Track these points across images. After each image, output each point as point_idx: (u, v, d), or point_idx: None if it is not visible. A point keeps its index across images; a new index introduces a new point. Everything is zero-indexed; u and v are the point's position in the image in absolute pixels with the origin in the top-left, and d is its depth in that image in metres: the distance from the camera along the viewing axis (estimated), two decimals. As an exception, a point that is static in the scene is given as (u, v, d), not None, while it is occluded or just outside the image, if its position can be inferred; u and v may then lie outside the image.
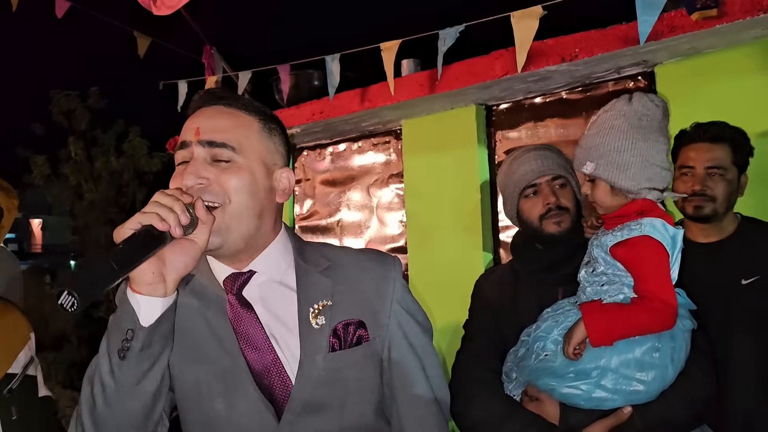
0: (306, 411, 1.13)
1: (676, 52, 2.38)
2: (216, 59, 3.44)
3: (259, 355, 1.14)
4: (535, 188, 1.71)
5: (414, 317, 1.29)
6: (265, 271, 1.20)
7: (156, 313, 1.01)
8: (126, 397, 1.02)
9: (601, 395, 1.43)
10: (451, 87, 2.75)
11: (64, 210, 7.46)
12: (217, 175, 1.11)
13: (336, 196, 3.74)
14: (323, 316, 1.18)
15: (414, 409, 1.26)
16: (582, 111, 2.75)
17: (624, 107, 1.50)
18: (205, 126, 1.13)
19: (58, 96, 7.13)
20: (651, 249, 1.43)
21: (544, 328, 1.54)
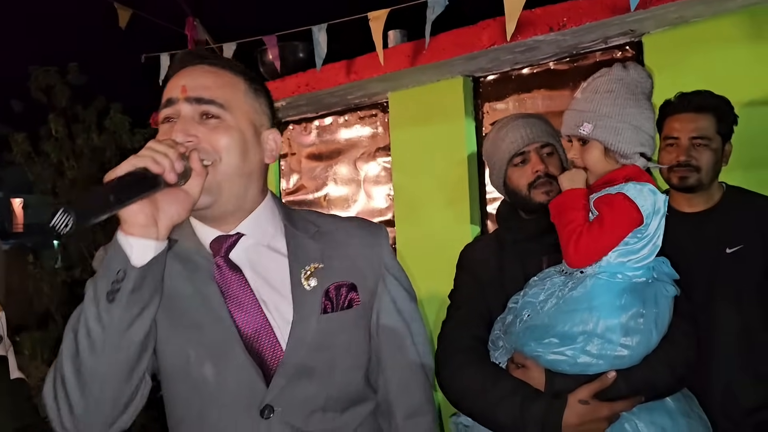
0: (296, 375, 1.13)
1: (663, 21, 2.38)
2: (199, 31, 3.38)
3: (248, 319, 1.13)
4: (523, 156, 1.70)
5: (401, 283, 1.29)
6: (253, 234, 1.19)
7: (148, 254, 0.98)
8: (112, 343, 0.98)
9: (586, 360, 1.45)
10: (437, 58, 2.73)
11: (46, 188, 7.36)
12: (207, 134, 1.09)
13: (322, 171, 3.72)
14: (315, 278, 1.17)
15: (401, 375, 1.27)
16: (569, 82, 2.75)
17: (621, 73, 1.53)
18: (192, 84, 1.12)
19: (37, 72, 6.99)
20: (625, 207, 1.45)
21: (532, 294, 1.56)
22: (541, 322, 1.49)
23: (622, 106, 1.49)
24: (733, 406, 1.87)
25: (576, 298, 1.47)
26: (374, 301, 1.24)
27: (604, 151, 1.51)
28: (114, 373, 1.00)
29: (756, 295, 1.89)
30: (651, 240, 1.49)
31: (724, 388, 1.87)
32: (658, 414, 1.50)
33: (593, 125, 1.50)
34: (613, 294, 1.46)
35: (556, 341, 1.48)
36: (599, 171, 1.53)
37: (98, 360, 0.98)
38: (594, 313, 1.44)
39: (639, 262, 1.49)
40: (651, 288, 1.49)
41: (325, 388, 1.16)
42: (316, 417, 1.14)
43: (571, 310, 1.46)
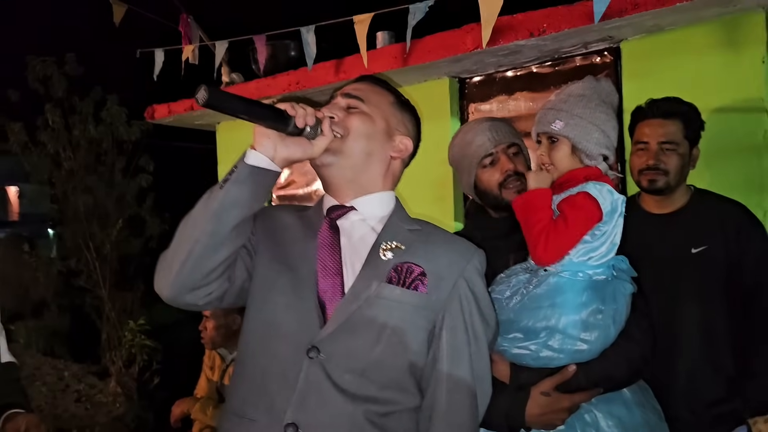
0: (345, 327, 1.25)
1: (640, 29, 2.46)
2: (192, 28, 3.44)
3: (328, 272, 1.30)
4: (492, 157, 1.77)
5: (477, 302, 1.33)
6: (363, 210, 1.36)
7: (259, 162, 1.20)
8: (207, 218, 1.19)
9: (548, 354, 1.54)
10: (423, 60, 2.81)
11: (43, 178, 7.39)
12: (346, 116, 1.33)
13: (313, 166, 3.80)
14: (392, 253, 1.31)
15: (451, 385, 1.29)
16: (551, 85, 2.83)
17: (593, 83, 1.67)
18: (351, 87, 1.42)
19: (34, 62, 7.02)
20: (586, 204, 1.54)
21: (498, 290, 1.64)
22: (506, 318, 1.57)
23: (593, 110, 1.60)
24: (695, 400, 1.95)
25: (539, 295, 1.55)
26: (442, 302, 1.29)
27: (571, 149, 1.61)
28: (200, 240, 1.19)
29: (718, 293, 1.98)
30: (609, 238, 1.58)
31: (687, 382, 1.96)
32: (615, 405, 1.59)
33: (565, 123, 1.60)
34: (574, 291, 1.54)
35: (521, 336, 1.56)
36: (563, 168, 1.63)
37: (193, 227, 1.21)
38: (556, 309, 1.53)
39: (598, 260, 1.57)
40: (610, 285, 1.57)
41: (368, 352, 1.25)
42: (352, 377, 1.24)
43: (534, 306, 1.55)
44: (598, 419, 1.56)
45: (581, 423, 1.56)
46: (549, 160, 1.64)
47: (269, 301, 1.31)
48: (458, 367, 1.29)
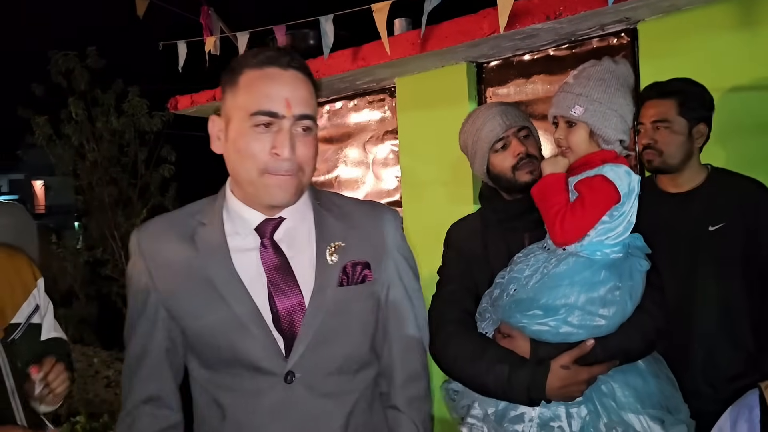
0: (315, 340, 1.27)
1: (657, 9, 2.46)
2: (213, 20, 3.49)
3: (285, 292, 1.27)
4: (503, 141, 1.80)
5: (408, 262, 1.45)
6: (293, 217, 1.34)
7: None
8: None
9: (567, 330, 1.58)
10: (441, 45, 2.84)
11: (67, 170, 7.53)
12: (302, 148, 1.23)
13: (333, 153, 3.85)
14: (337, 255, 1.32)
15: (403, 345, 1.42)
16: (568, 67, 2.84)
17: (612, 66, 1.66)
18: (294, 98, 1.21)
19: (57, 56, 7.13)
20: (604, 187, 1.58)
21: (517, 270, 1.68)
22: (526, 296, 1.61)
23: (612, 95, 1.61)
24: (714, 374, 1.98)
25: (559, 274, 1.59)
26: (384, 277, 1.39)
27: (589, 134, 1.63)
28: None
29: (737, 270, 2.00)
30: (626, 218, 1.61)
31: (706, 357, 1.99)
32: (630, 375, 1.64)
33: (584, 108, 1.61)
34: (592, 270, 1.58)
35: (540, 313, 1.60)
36: (581, 152, 1.65)
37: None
38: (575, 287, 1.56)
39: (615, 239, 1.61)
40: (626, 263, 1.61)
41: (340, 352, 1.31)
42: (332, 379, 1.30)
43: (554, 285, 1.58)
44: (614, 389, 1.61)
45: (598, 393, 1.61)
46: (567, 143, 1.67)
47: (220, 340, 1.26)
48: (406, 328, 1.43)
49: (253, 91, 1.21)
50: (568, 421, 1.60)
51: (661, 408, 1.62)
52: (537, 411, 1.61)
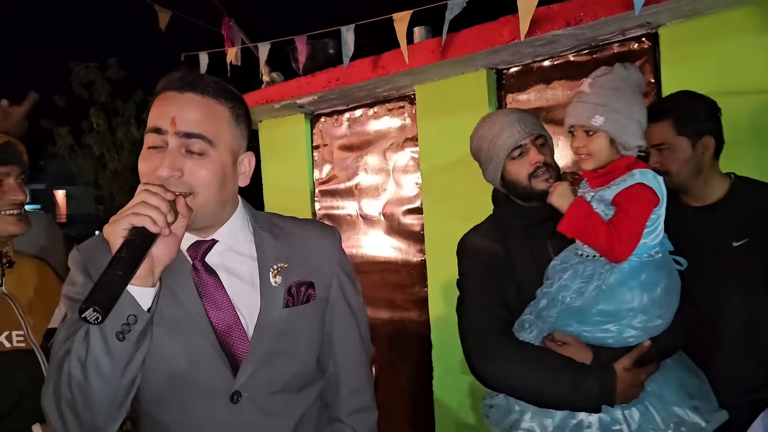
0: (262, 361, 1.28)
1: (678, 14, 2.46)
2: (234, 31, 3.55)
3: (222, 315, 1.27)
4: (521, 149, 1.81)
5: (350, 279, 1.47)
6: (226, 240, 1.32)
7: (149, 300, 1.11)
8: (120, 373, 1.12)
9: (631, 334, 1.62)
10: (461, 53, 2.85)
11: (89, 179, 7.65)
12: (191, 168, 1.18)
13: (353, 161, 3.88)
14: (280, 276, 1.34)
15: (348, 360, 1.46)
16: (588, 73, 2.79)
17: (624, 73, 1.70)
18: (181, 116, 1.18)
19: (78, 68, 7.25)
20: (643, 193, 1.62)
21: (567, 278, 1.70)
22: (583, 304, 1.64)
23: (629, 103, 1.66)
24: (736, 386, 1.94)
25: (618, 280, 1.62)
26: (329, 295, 1.42)
27: (610, 141, 1.67)
28: (120, 394, 1.15)
29: (762, 284, 1.95)
30: (662, 218, 1.67)
31: (729, 369, 1.95)
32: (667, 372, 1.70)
33: (605, 118, 1.64)
34: (646, 273, 1.62)
35: (601, 320, 1.63)
36: (602, 159, 1.69)
37: (107, 387, 1.12)
38: (635, 291, 1.61)
39: (655, 240, 1.66)
40: (667, 260, 1.67)
41: (287, 370, 1.33)
42: (277, 397, 1.31)
43: (615, 291, 1.62)
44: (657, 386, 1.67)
45: (644, 393, 1.65)
46: (587, 151, 1.69)
47: (168, 363, 1.24)
48: (351, 344, 1.47)
49: (151, 113, 1.22)
50: (627, 424, 1.63)
51: (695, 398, 1.68)
52: (596, 417, 1.63)
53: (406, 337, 3.62)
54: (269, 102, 3.77)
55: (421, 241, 3.50)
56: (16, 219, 1.56)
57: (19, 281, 1.63)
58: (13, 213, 1.55)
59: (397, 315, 3.66)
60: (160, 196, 1.09)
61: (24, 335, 1.56)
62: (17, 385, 1.51)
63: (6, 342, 1.52)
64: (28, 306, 1.61)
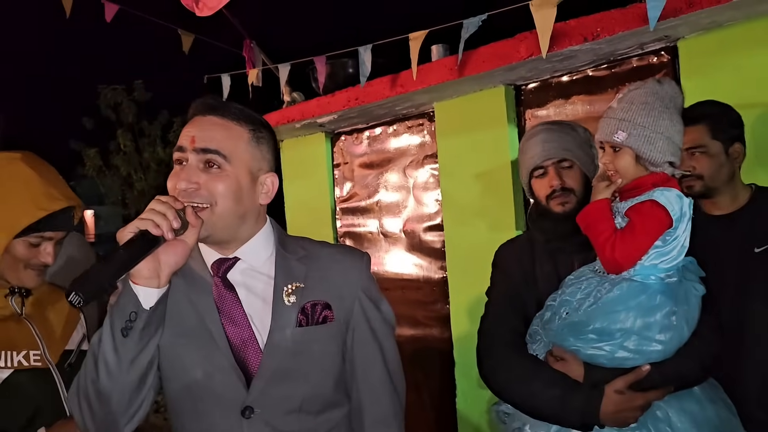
0: (274, 378, 1.30)
1: (697, 27, 2.44)
2: (256, 53, 3.61)
3: (237, 331, 1.31)
4: (543, 170, 1.85)
5: (377, 305, 1.45)
6: (248, 259, 1.37)
7: (153, 300, 1.18)
8: (125, 369, 1.20)
9: (623, 355, 1.58)
10: (479, 70, 2.86)
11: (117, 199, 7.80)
12: (207, 181, 1.27)
13: (374, 178, 3.90)
14: (295, 296, 1.35)
15: (370, 388, 1.42)
16: (607, 87, 2.83)
17: (656, 87, 1.66)
18: (200, 135, 1.28)
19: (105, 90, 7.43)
20: (653, 211, 1.58)
21: (569, 293, 1.69)
22: (579, 320, 1.62)
23: (656, 118, 1.61)
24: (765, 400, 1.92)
25: (613, 298, 1.58)
26: (350, 319, 1.40)
27: (635, 158, 1.63)
28: (126, 391, 1.22)
29: None
30: (679, 242, 1.60)
31: (761, 382, 1.93)
32: (687, 401, 1.62)
33: (627, 134, 1.61)
34: (648, 294, 1.57)
35: (595, 337, 1.60)
36: (629, 176, 1.65)
37: (113, 382, 1.20)
38: (631, 312, 1.56)
39: (669, 263, 1.60)
40: (682, 287, 1.60)
41: (300, 391, 1.33)
42: (292, 417, 1.32)
43: (609, 310, 1.58)
44: (670, 415, 1.60)
45: (653, 419, 1.59)
46: (614, 168, 1.66)
47: (186, 374, 1.30)
48: (373, 371, 1.42)
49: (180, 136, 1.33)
50: None
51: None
52: None
53: (429, 355, 3.61)
54: (290, 122, 3.83)
55: (442, 257, 3.50)
56: (34, 274, 1.63)
57: (39, 306, 1.69)
58: (34, 269, 1.62)
59: (420, 332, 3.66)
60: (168, 204, 1.18)
61: (41, 355, 1.62)
62: (33, 401, 1.57)
63: (24, 361, 1.58)
64: (45, 328, 1.67)
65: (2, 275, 1.60)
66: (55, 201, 1.59)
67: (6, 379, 1.53)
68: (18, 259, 1.58)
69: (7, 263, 1.58)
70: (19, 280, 1.62)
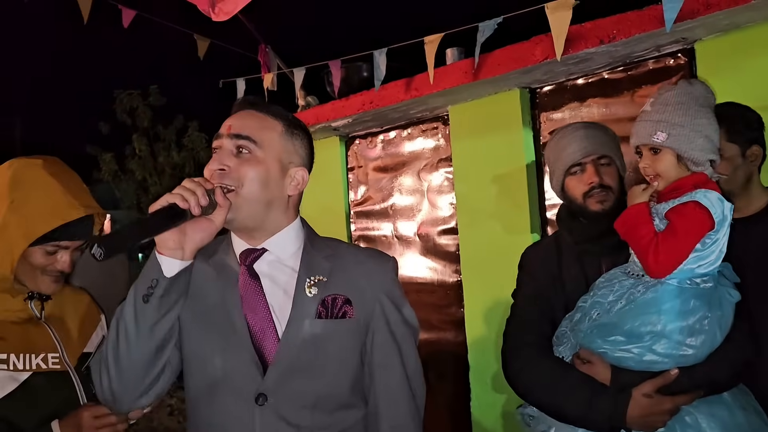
0: (289, 369, 1.31)
1: (714, 28, 2.42)
2: (271, 57, 3.63)
3: (258, 320, 1.34)
4: (581, 167, 1.82)
5: (399, 309, 1.44)
6: (275, 250, 1.40)
7: (174, 270, 1.23)
8: (143, 336, 1.24)
9: (652, 358, 1.56)
10: (494, 73, 2.86)
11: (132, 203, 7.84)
12: (237, 165, 1.32)
13: (388, 182, 3.90)
14: (317, 288, 1.37)
15: (387, 393, 1.40)
16: (624, 90, 2.82)
17: (688, 88, 1.66)
18: (236, 124, 1.36)
19: (121, 95, 7.48)
20: (696, 213, 1.54)
21: (601, 294, 1.67)
22: (609, 321, 1.61)
23: (694, 117, 1.60)
24: None
25: (646, 301, 1.57)
26: (370, 320, 1.40)
27: (676, 158, 1.61)
28: (141, 359, 1.26)
29: None
30: (718, 246, 1.58)
31: None
32: (716, 407, 1.60)
33: (667, 134, 1.59)
34: (682, 299, 1.56)
35: (623, 339, 1.59)
36: (671, 178, 1.62)
37: (130, 348, 1.24)
38: (662, 316, 1.55)
39: (707, 268, 1.58)
40: (716, 292, 1.58)
41: (315, 387, 1.34)
42: (305, 413, 1.32)
43: (641, 312, 1.57)
44: (699, 421, 1.58)
45: (681, 424, 1.58)
46: (654, 171, 1.64)
47: (206, 359, 1.33)
48: (392, 377, 1.41)
49: None
50: None
51: None
52: None
53: (443, 358, 3.60)
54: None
55: (456, 261, 3.49)
56: (50, 281, 1.64)
57: (58, 309, 1.71)
58: (50, 276, 1.63)
59: (434, 336, 3.65)
60: (197, 183, 1.24)
61: (59, 357, 1.63)
62: (51, 403, 1.57)
63: (42, 363, 1.59)
64: (64, 331, 1.68)
65: (20, 280, 1.62)
66: (74, 210, 1.58)
67: (24, 382, 1.54)
68: (34, 266, 1.60)
69: (24, 270, 1.59)
70: (36, 286, 1.63)
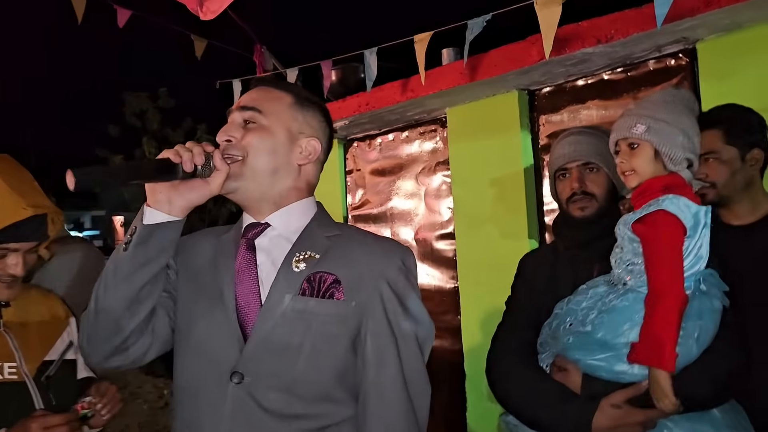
0: (264, 346, 1.24)
1: (715, 28, 2.34)
2: (266, 57, 3.59)
3: (245, 292, 1.29)
4: (566, 172, 1.81)
5: (401, 300, 1.30)
6: (278, 225, 1.35)
7: (155, 219, 1.20)
8: (119, 284, 1.21)
9: (623, 368, 1.51)
10: (490, 74, 2.79)
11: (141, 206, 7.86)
12: (243, 135, 1.31)
13: (386, 185, 3.83)
14: (305, 263, 1.29)
15: (378, 393, 1.26)
16: (623, 92, 2.73)
17: (674, 90, 1.69)
18: (245, 98, 1.38)
19: (130, 97, 7.51)
20: (666, 226, 1.48)
21: (575, 301, 1.64)
22: (583, 330, 1.57)
23: (678, 114, 1.57)
24: None
25: (618, 309, 1.53)
26: (365, 307, 1.27)
27: (653, 154, 1.55)
28: (114, 307, 1.22)
29: None
30: (693, 251, 1.51)
31: None
32: (699, 423, 1.52)
33: (647, 126, 1.55)
34: None
35: (596, 348, 1.55)
36: (646, 174, 1.57)
37: (107, 293, 1.22)
38: (635, 324, 1.49)
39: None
40: (694, 302, 1.50)
41: (292, 369, 1.23)
42: (279, 396, 1.22)
43: (613, 321, 1.52)
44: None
45: None
46: (630, 167, 1.58)
47: (192, 330, 1.31)
48: (385, 372, 1.27)
49: None
50: None
51: None
52: None
53: (439, 366, 3.51)
54: (302, 127, 3.78)
55: (453, 267, 3.42)
56: (3, 287, 1.56)
57: (20, 315, 1.62)
58: (3, 282, 1.55)
59: (431, 343, 3.57)
60: (195, 144, 1.23)
61: (16, 367, 1.54)
62: (6, 415, 1.48)
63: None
64: (25, 339, 1.59)
65: None
66: (20, 209, 1.48)
67: None
68: None
69: None
70: None
